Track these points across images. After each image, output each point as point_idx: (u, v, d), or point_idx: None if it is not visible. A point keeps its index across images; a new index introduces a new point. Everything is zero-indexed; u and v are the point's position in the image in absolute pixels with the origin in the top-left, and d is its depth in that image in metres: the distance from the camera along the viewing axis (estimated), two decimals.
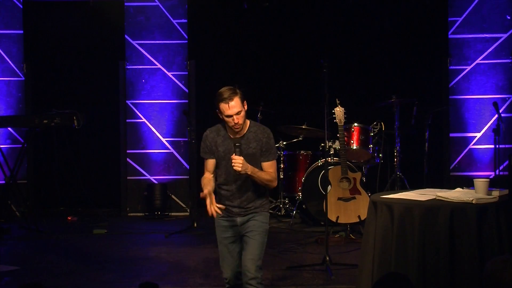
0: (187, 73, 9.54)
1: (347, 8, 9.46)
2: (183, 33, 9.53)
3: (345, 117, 7.55)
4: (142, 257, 6.96)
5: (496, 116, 8.63)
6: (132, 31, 9.52)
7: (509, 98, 9.28)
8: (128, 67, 9.52)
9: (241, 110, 4.56)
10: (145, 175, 9.53)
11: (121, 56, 9.53)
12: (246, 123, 4.69)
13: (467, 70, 9.32)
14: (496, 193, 4.70)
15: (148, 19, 9.52)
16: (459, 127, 9.37)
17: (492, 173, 8.98)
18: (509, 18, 9.28)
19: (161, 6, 9.50)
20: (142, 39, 9.52)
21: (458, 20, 9.32)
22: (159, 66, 9.52)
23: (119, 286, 5.94)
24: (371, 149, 8.28)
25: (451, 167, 9.37)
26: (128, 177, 9.52)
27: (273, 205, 8.94)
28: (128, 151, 9.53)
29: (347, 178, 7.66)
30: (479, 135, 9.30)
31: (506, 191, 4.76)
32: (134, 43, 9.52)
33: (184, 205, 9.48)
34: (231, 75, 9.41)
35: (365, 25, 9.51)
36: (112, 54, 9.63)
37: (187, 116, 8.41)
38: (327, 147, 7.33)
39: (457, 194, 4.73)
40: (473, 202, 4.54)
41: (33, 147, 9.33)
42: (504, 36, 9.27)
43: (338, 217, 7.57)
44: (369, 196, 7.16)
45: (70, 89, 9.72)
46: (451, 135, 9.38)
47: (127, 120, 9.54)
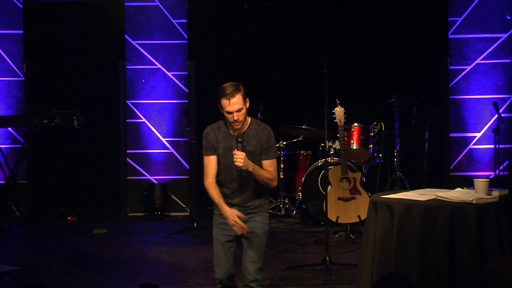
0: (187, 73, 9.54)
1: (347, 8, 9.46)
2: (183, 33, 9.54)
3: (345, 117, 7.55)
4: (142, 257, 6.96)
5: (496, 116, 8.64)
6: (132, 31, 9.52)
7: (509, 98, 9.28)
8: (128, 67, 9.52)
9: (242, 107, 4.53)
10: (145, 175, 9.53)
11: (121, 56, 9.53)
12: (247, 120, 4.66)
13: (467, 70, 9.32)
14: (496, 193, 4.70)
15: (148, 19, 9.52)
16: (459, 127, 9.37)
17: (492, 173, 8.98)
18: (509, 18, 9.28)
19: (161, 6, 9.50)
20: (142, 39, 9.52)
21: (458, 20, 9.32)
22: (159, 66, 9.52)
23: (119, 286, 5.94)
24: (371, 149, 8.28)
25: (451, 167, 9.37)
26: (128, 177, 9.52)
27: (273, 205, 8.94)
28: (128, 151, 9.53)
29: (347, 178, 7.66)
30: (479, 135, 9.30)
31: (506, 191, 4.76)
32: (134, 43, 9.52)
33: (184, 205, 9.48)
34: (231, 75, 9.32)
35: (365, 25, 9.51)
36: (112, 54, 9.62)
37: (187, 116, 8.41)
38: (327, 147, 7.34)
39: (457, 194, 4.73)
40: (473, 202, 4.53)
41: (33, 147, 9.33)
42: (504, 36, 9.27)
43: (338, 217, 7.57)
44: (369, 196, 7.16)
45: (70, 89, 9.72)
46: (451, 135, 9.38)
47: (127, 120, 9.54)
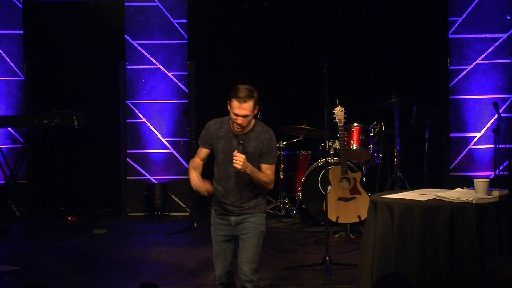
0: (187, 73, 9.54)
1: (347, 8, 9.45)
2: (183, 33, 9.53)
3: (345, 117, 7.55)
4: (142, 257, 6.96)
5: (496, 116, 8.63)
6: (132, 31, 9.52)
7: (509, 98, 9.27)
8: (128, 67, 9.52)
9: (250, 115, 4.55)
10: (145, 175, 9.53)
11: (121, 56, 9.53)
12: (251, 122, 4.67)
13: (467, 70, 9.32)
14: (496, 193, 4.70)
15: (148, 19, 9.52)
16: (459, 127, 9.36)
17: (492, 173, 8.98)
18: (509, 18, 9.28)
19: (161, 6, 9.50)
20: (142, 39, 9.52)
21: (458, 20, 9.32)
22: (159, 66, 9.51)
23: (119, 286, 5.94)
24: (371, 149, 8.28)
25: (451, 167, 9.36)
26: (128, 177, 9.51)
27: (273, 205, 8.94)
28: (128, 151, 9.53)
29: (347, 178, 7.66)
30: (479, 135, 9.29)
31: (506, 191, 4.76)
32: (134, 43, 9.52)
33: (184, 205, 9.48)
34: (231, 75, 9.41)
35: (365, 25, 9.50)
36: (112, 54, 9.62)
37: (187, 116, 8.41)
38: (327, 147, 7.34)
39: (457, 194, 4.73)
40: (473, 202, 4.54)
41: (33, 147, 9.31)
42: (504, 36, 9.27)
43: (338, 217, 7.57)
44: (369, 196, 7.16)
45: (70, 89, 9.71)
46: (451, 135, 9.38)
47: (127, 120, 9.54)
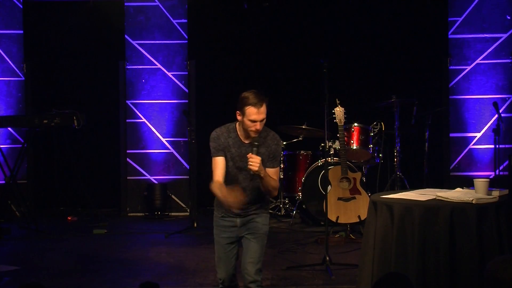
0: (187, 73, 9.54)
1: (347, 8, 9.45)
2: (183, 33, 9.53)
3: (345, 117, 7.55)
4: (142, 257, 6.96)
5: (496, 116, 8.64)
6: (132, 31, 9.52)
7: (509, 98, 9.27)
8: (128, 67, 9.52)
9: (265, 117, 4.51)
10: (145, 175, 9.53)
11: (121, 56, 9.53)
12: None
13: (467, 70, 9.32)
14: (496, 193, 4.70)
15: (148, 19, 9.52)
16: (459, 127, 9.36)
17: (492, 173, 8.98)
18: (509, 18, 9.28)
19: (161, 6, 9.50)
20: (142, 39, 9.52)
21: (458, 20, 9.32)
22: (159, 66, 9.52)
23: (119, 286, 5.95)
24: (371, 149, 8.28)
25: (451, 167, 9.36)
26: (128, 177, 9.51)
27: (273, 205, 8.94)
28: (128, 151, 9.53)
29: (347, 178, 7.66)
30: (479, 135, 9.29)
31: (506, 191, 4.76)
32: (134, 43, 9.52)
33: (184, 205, 9.47)
34: (231, 75, 9.42)
35: (365, 25, 9.50)
36: (112, 54, 9.62)
37: (187, 116, 8.41)
38: (327, 147, 7.33)
39: (457, 194, 4.73)
40: (473, 202, 4.53)
41: (33, 147, 9.31)
42: (504, 36, 9.27)
43: (338, 217, 7.57)
44: (369, 196, 7.16)
45: (70, 89, 9.71)
46: (451, 135, 9.38)
47: (127, 120, 9.54)
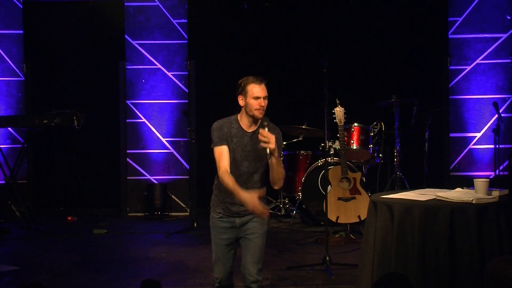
0: (187, 73, 9.54)
1: (347, 8, 9.45)
2: (183, 33, 9.53)
3: (345, 117, 7.55)
4: (142, 257, 6.96)
5: (496, 116, 8.64)
6: (132, 31, 9.52)
7: (509, 98, 9.28)
8: (128, 67, 9.52)
9: (267, 97, 4.49)
10: (145, 175, 9.53)
11: (121, 56, 9.53)
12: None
13: (467, 70, 9.32)
14: (496, 193, 4.70)
15: (148, 19, 9.52)
16: (459, 127, 9.37)
17: (492, 173, 8.98)
18: (509, 18, 9.28)
19: (161, 6, 9.50)
20: (142, 39, 9.52)
21: (458, 20, 9.32)
22: (159, 66, 9.52)
23: (119, 286, 5.94)
24: (371, 149, 8.28)
25: (451, 167, 9.37)
26: (128, 177, 9.52)
27: (273, 205, 8.94)
28: (128, 151, 9.53)
29: (347, 178, 7.66)
30: (479, 135, 9.30)
31: (506, 191, 4.76)
32: (134, 43, 9.52)
33: (184, 205, 9.48)
34: (231, 75, 9.38)
35: (365, 25, 9.51)
36: (112, 54, 9.62)
37: (187, 116, 8.41)
38: (327, 147, 7.33)
39: (457, 194, 4.73)
40: (473, 202, 4.53)
41: (33, 147, 9.33)
42: (504, 36, 9.27)
43: (338, 217, 7.57)
44: (369, 196, 7.16)
45: (70, 89, 9.72)
46: (451, 135, 9.38)
47: (127, 120, 9.54)
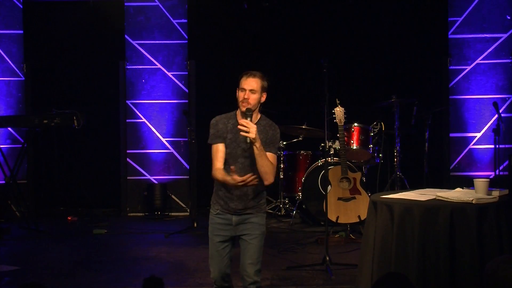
0: (187, 73, 9.54)
1: (347, 8, 9.45)
2: (183, 33, 9.53)
3: (345, 117, 7.55)
4: (142, 257, 6.96)
5: (496, 116, 8.64)
6: (132, 31, 9.52)
7: (509, 98, 9.27)
8: (128, 67, 9.52)
9: (257, 92, 4.51)
10: (145, 175, 9.53)
11: (121, 56, 9.53)
12: (257, 116, 4.60)
13: (467, 70, 9.32)
14: (496, 193, 4.70)
15: (148, 19, 9.52)
16: (459, 127, 9.36)
17: (492, 173, 8.98)
18: (509, 18, 9.28)
19: (161, 6, 9.50)
20: (142, 39, 9.52)
21: (458, 20, 9.32)
22: (159, 66, 9.52)
23: (119, 286, 5.95)
24: (371, 149, 8.28)
25: (451, 167, 9.36)
26: (128, 177, 9.52)
27: (273, 205, 8.94)
28: (128, 151, 9.53)
29: (347, 178, 7.66)
30: (479, 135, 9.29)
31: (506, 191, 4.76)
32: (134, 43, 9.52)
33: (184, 205, 9.47)
34: (231, 75, 9.35)
35: (365, 25, 9.51)
36: (112, 54, 9.62)
37: (187, 116, 8.41)
38: (327, 147, 7.32)
39: (457, 194, 4.73)
40: (473, 202, 4.53)
41: (33, 147, 9.32)
42: (504, 36, 9.27)
43: (338, 217, 7.57)
44: (369, 196, 7.16)
45: (70, 89, 9.72)
46: (451, 135, 9.38)
47: (127, 120, 9.54)
